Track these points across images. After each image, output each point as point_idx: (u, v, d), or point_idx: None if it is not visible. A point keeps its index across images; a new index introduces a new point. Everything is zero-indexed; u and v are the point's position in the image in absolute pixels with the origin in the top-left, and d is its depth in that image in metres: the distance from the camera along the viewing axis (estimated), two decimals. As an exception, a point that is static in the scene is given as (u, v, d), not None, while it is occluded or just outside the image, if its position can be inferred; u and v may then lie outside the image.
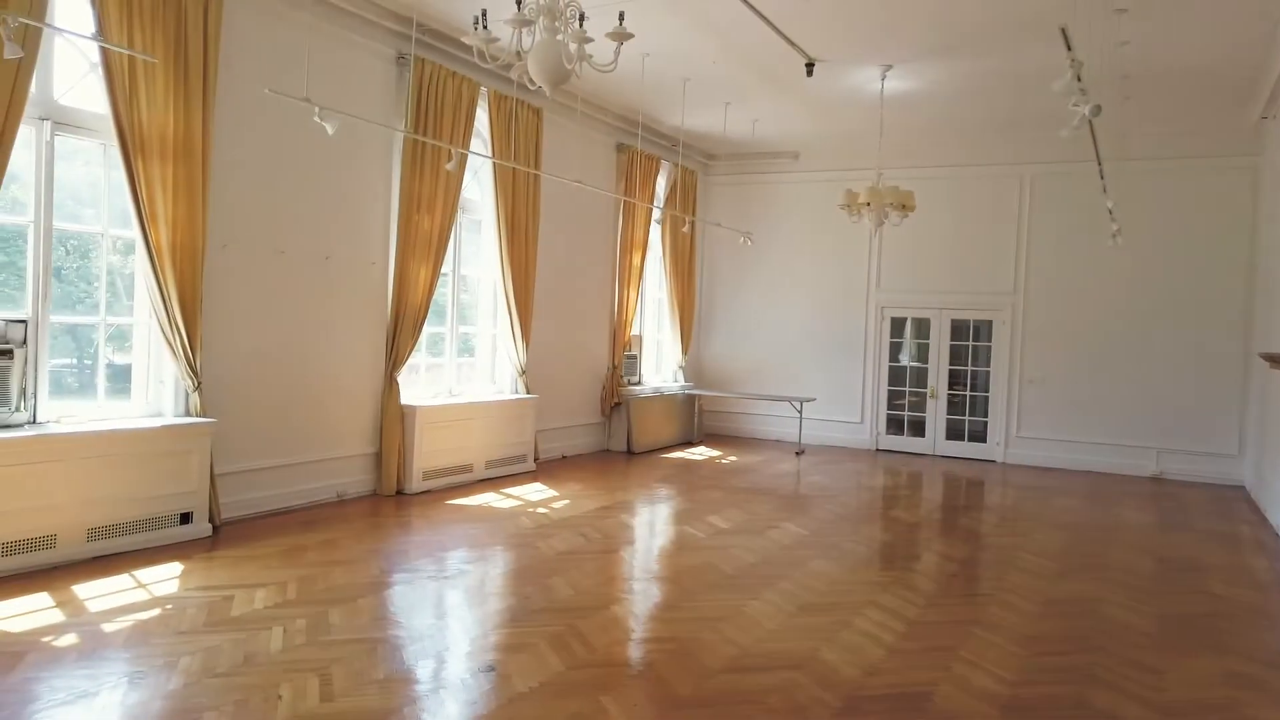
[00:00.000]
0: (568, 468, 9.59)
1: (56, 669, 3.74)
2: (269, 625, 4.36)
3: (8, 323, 5.33)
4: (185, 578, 5.11)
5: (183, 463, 5.91)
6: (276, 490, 6.87)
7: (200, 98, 5.97)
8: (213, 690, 3.59)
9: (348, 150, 7.15)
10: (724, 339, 13.07)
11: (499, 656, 4.11)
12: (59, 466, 5.24)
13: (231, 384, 6.45)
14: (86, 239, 6.00)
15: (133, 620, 4.36)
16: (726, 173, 12.93)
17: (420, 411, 7.90)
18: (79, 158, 5.84)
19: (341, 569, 5.42)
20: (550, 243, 9.66)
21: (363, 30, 7.28)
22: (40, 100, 5.37)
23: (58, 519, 5.22)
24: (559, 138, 9.60)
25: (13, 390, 5.27)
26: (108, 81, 5.53)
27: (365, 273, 7.60)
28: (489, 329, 9.33)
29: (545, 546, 6.18)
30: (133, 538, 5.60)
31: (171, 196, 5.86)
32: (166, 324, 5.93)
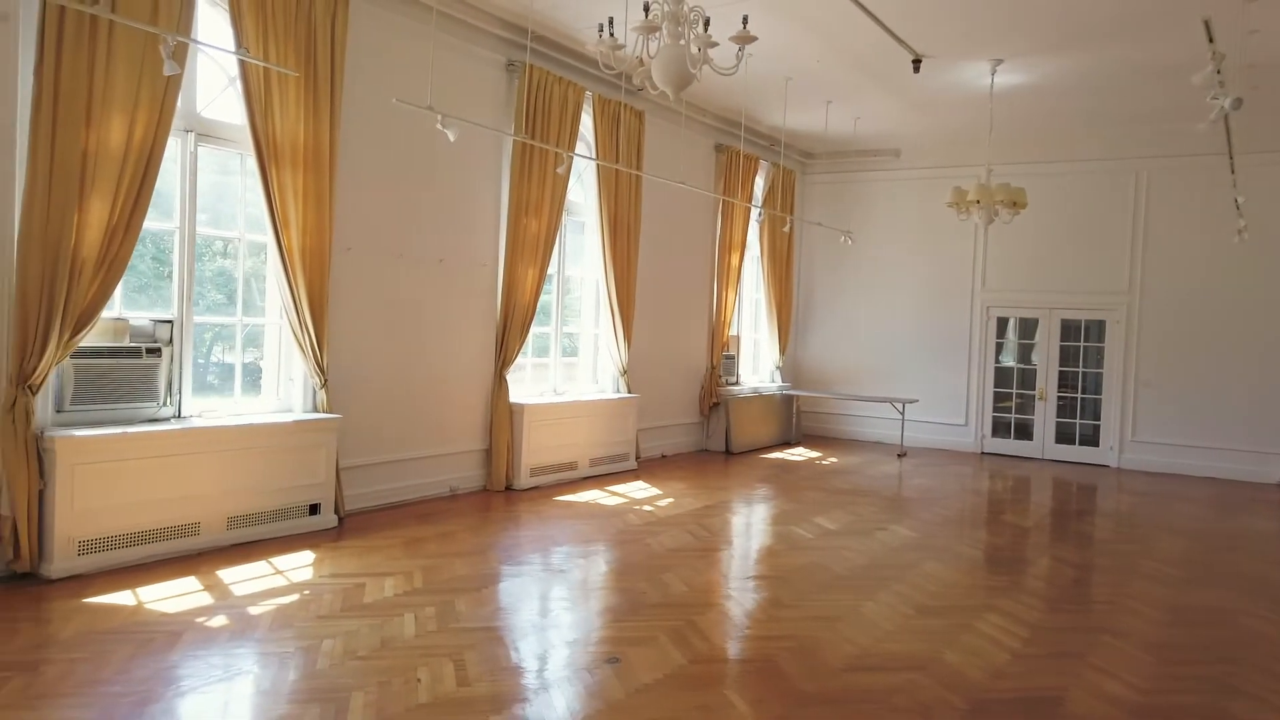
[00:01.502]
0: (668, 467, 9.67)
1: (212, 647, 3.99)
2: (401, 612, 4.55)
3: (156, 323, 5.68)
4: (318, 565, 5.36)
5: (311, 456, 6.20)
6: (394, 484, 7.13)
7: (328, 108, 6.25)
8: (355, 672, 3.77)
9: (460, 156, 7.38)
10: (822, 339, 12.97)
11: (621, 649, 4.19)
12: (202, 458, 5.56)
13: (353, 381, 6.72)
14: (224, 244, 6.34)
15: (275, 604, 4.60)
16: (825, 171, 12.83)
17: (528, 409, 8.09)
18: (218, 167, 6.17)
19: (462, 560, 5.61)
20: (651, 244, 9.76)
21: (475, 39, 7.50)
22: (185, 113, 5.69)
23: (201, 508, 5.54)
24: (660, 139, 9.70)
25: (160, 386, 5.61)
26: (245, 94, 5.84)
27: (476, 274, 7.82)
28: (591, 329, 9.49)
29: (654, 543, 6.26)
30: (267, 526, 5.90)
31: (301, 203, 6.15)
32: (296, 324, 6.22)
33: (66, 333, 4.97)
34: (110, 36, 4.99)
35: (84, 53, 4.90)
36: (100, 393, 5.32)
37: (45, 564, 4.86)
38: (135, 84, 5.12)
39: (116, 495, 5.12)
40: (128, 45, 5.07)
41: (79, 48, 4.88)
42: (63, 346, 4.97)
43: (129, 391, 5.46)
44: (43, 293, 4.86)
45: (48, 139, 4.82)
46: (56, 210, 4.87)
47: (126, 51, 5.07)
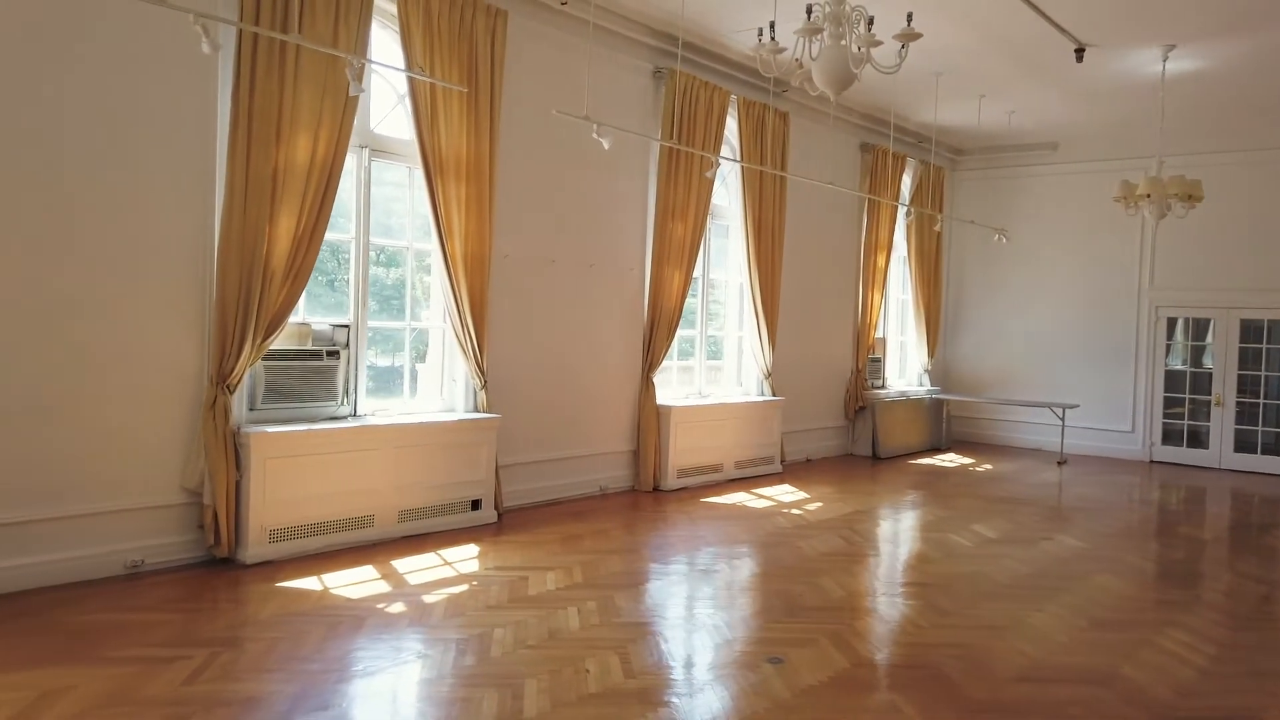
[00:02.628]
0: (814, 470, 9.57)
1: (394, 632, 4.23)
2: (564, 605, 4.69)
3: (334, 327, 6.06)
4: (483, 558, 5.59)
5: (474, 454, 6.47)
6: (547, 482, 7.35)
7: (488, 121, 6.52)
8: (527, 660, 3.92)
9: (609, 163, 7.53)
10: (973, 341, 12.54)
11: (782, 649, 4.19)
12: (376, 454, 5.90)
13: (510, 383, 6.97)
14: (394, 252, 6.70)
15: (446, 594, 4.83)
16: (977, 167, 12.41)
17: (674, 411, 8.18)
18: (388, 180, 6.53)
19: (617, 557, 5.73)
20: (795, 246, 9.70)
21: (624, 48, 7.66)
22: (360, 130, 6.05)
23: (375, 501, 5.88)
24: (804, 140, 9.63)
25: (339, 386, 5.98)
26: (414, 111, 6.16)
27: (624, 279, 7.97)
28: (735, 332, 9.50)
29: (806, 547, 6.22)
30: (434, 520, 6.20)
31: (464, 212, 6.43)
32: (459, 327, 6.51)
33: (259, 337, 5.37)
34: (297, 61, 5.37)
35: (274, 77, 5.30)
36: (287, 392, 5.72)
37: (241, 550, 5.27)
38: (318, 104, 5.49)
39: (302, 487, 5.49)
40: (312, 68, 5.44)
41: (270, 72, 5.28)
42: (256, 349, 5.37)
43: (312, 391, 5.85)
44: (239, 300, 5.27)
45: (243, 158, 5.23)
46: (251, 224, 5.27)
47: (311, 74, 5.44)
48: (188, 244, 5.19)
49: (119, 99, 4.86)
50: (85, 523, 4.81)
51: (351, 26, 5.62)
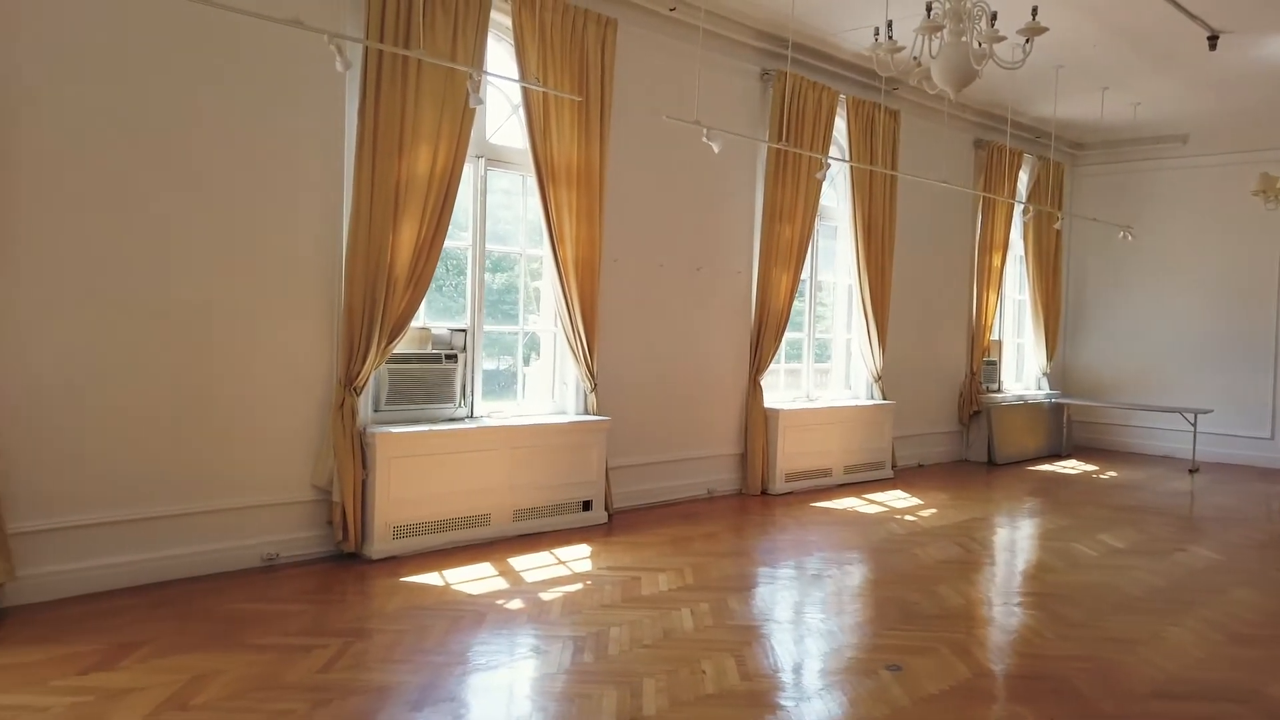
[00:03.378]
0: (927, 476, 9.36)
1: (513, 627, 4.35)
2: (678, 606, 4.73)
3: (452, 331, 6.27)
4: (595, 558, 5.68)
5: (585, 456, 6.58)
6: (655, 484, 7.41)
7: (598, 128, 6.62)
8: (644, 659, 3.98)
9: (716, 166, 7.54)
10: (1095, 343, 12.04)
11: (901, 657, 4.13)
12: (492, 455, 6.07)
13: (618, 386, 7.05)
14: (501, 258, 6.88)
15: (562, 592, 4.94)
16: (1099, 162, 11.91)
17: (782, 415, 8.12)
18: (500, 187, 6.71)
19: (728, 560, 5.74)
20: (906, 246, 9.51)
21: (731, 51, 7.66)
22: (476, 140, 6.22)
23: (491, 500, 6.05)
24: (916, 138, 9.43)
25: (456, 389, 6.18)
26: (527, 120, 6.32)
27: (731, 281, 7.97)
28: (844, 334, 9.37)
29: (922, 554, 6.09)
30: (547, 520, 6.33)
31: (574, 218, 6.55)
32: (570, 331, 6.64)
33: (383, 341, 5.59)
34: (418, 76, 5.58)
35: (397, 92, 5.52)
36: (408, 394, 5.94)
37: (367, 545, 5.50)
38: (438, 117, 5.69)
39: (423, 486, 5.70)
40: (432, 83, 5.64)
41: (393, 87, 5.50)
42: (380, 353, 5.60)
43: (431, 393, 6.06)
44: (364, 306, 5.50)
45: (369, 170, 5.46)
46: (376, 233, 5.50)
47: (431, 88, 5.65)
48: (319, 254, 5.46)
49: (256, 118, 5.15)
50: (227, 517, 5.11)
51: (469, 40, 5.81)
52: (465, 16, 5.78)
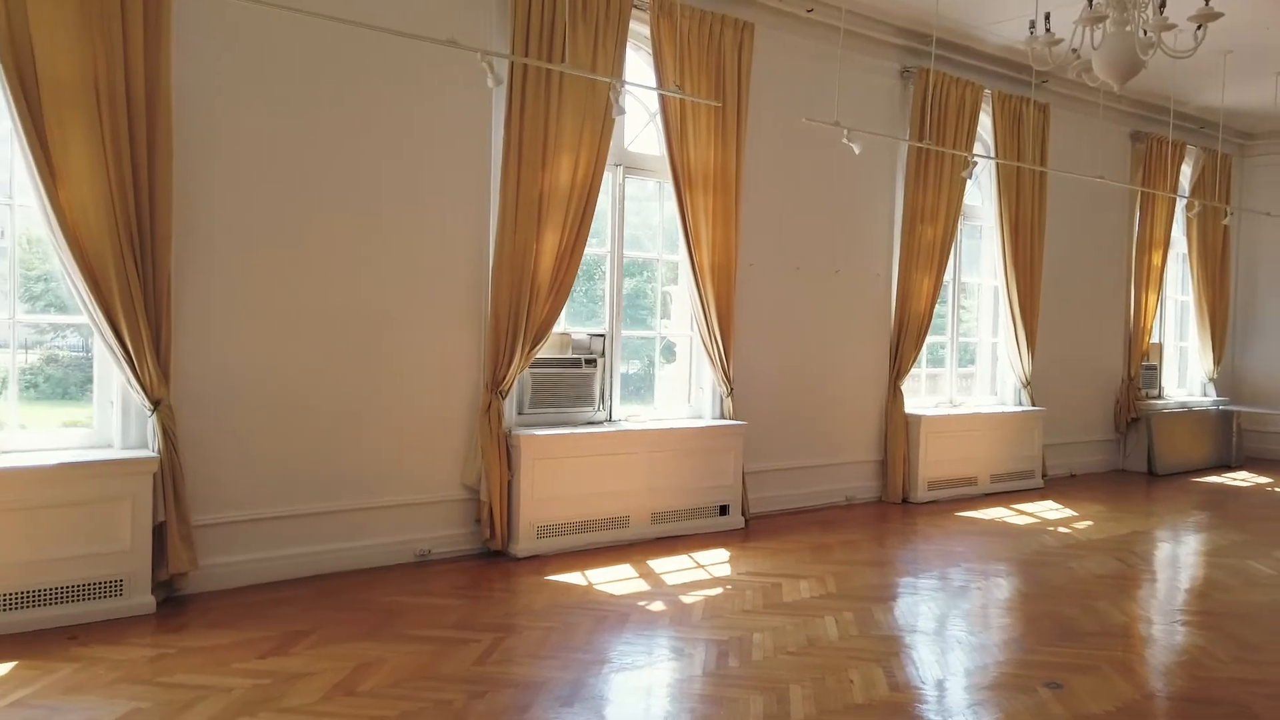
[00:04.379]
0: (1080, 486, 8.90)
1: (657, 629, 4.40)
2: (820, 614, 4.67)
3: (592, 336, 6.39)
4: (734, 563, 5.67)
5: (722, 460, 6.59)
6: (792, 490, 7.33)
7: (735, 133, 6.62)
8: (788, 666, 3.95)
9: (854, 167, 7.41)
10: (1268, 347, 11.16)
11: (1060, 674, 3.95)
12: (631, 458, 6.15)
13: (755, 390, 7.02)
14: (640, 263, 6.96)
15: (703, 596, 4.95)
16: (1271, 152, 11.05)
17: (924, 421, 7.90)
18: (634, 194, 6.80)
19: (870, 570, 5.62)
20: (1057, 245, 9.08)
21: (870, 49, 7.52)
22: (615, 149, 6.33)
23: (630, 502, 6.13)
24: (1067, 132, 9.01)
25: (596, 393, 6.29)
26: (664, 127, 6.38)
27: (870, 284, 7.81)
28: (989, 338, 9.03)
29: (1078, 568, 5.80)
30: (684, 523, 6.37)
31: (711, 223, 6.57)
32: (706, 335, 6.65)
33: (527, 346, 5.76)
34: (561, 88, 5.73)
35: (541, 104, 5.68)
36: (550, 397, 6.10)
37: (513, 544, 5.67)
38: (579, 127, 5.82)
39: (565, 487, 5.83)
40: (574, 94, 5.78)
41: (537, 100, 5.66)
42: (524, 358, 5.77)
43: (572, 397, 6.19)
44: (510, 313, 5.68)
45: (514, 181, 5.64)
46: (520, 242, 5.67)
47: (573, 100, 5.78)
48: (468, 264, 5.67)
49: (414, 133, 5.40)
50: (384, 514, 5.37)
51: (609, 52, 5.92)
52: (605, 28, 5.89)
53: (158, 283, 4.51)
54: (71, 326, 5.00)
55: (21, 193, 4.46)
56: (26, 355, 4.82)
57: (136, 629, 4.16)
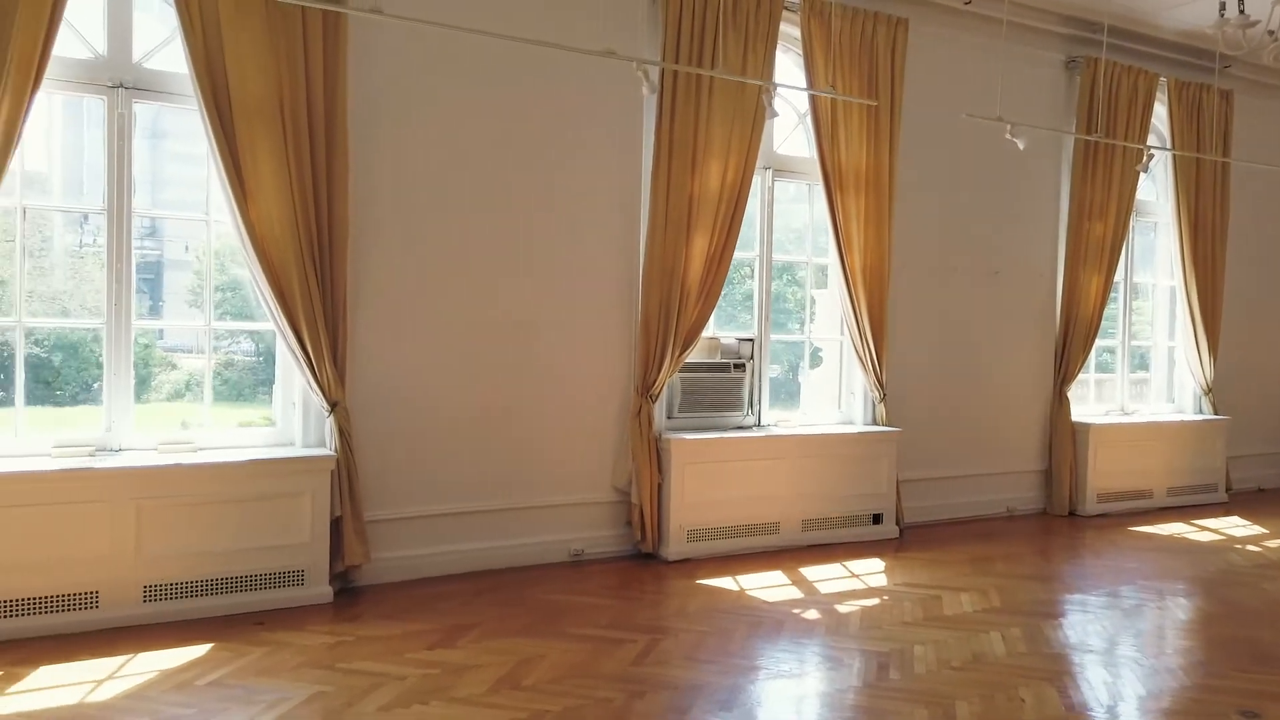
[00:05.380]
0: (1270, 502, 8.20)
1: (814, 637, 4.33)
2: (985, 629, 4.48)
3: (740, 341, 6.37)
4: (889, 573, 5.52)
5: (874, 467, 6.43)
6: (948, 500, 7.07)
7: (888, 132, 6.46)
8: (953, 681, 3.81)
9: (1015, 163, 7.07)
10: None
11: (1256, 703, 3.64)
12: (781, 464, 6.09)
13: (909, 396, 6.81)
14: (782, 267, 6.88)
15: (859, 605, 4.84)
16: None
17: (1094, 430, 7.46)
18: (787, 197, 6.73)
19: (1036, 584, 5.36)
20: (1242, 241, 8.40)
21: (1032, 40, 7.18)
22: (764, 152, 6.27)
23: (780, 508, 6.07)
24: (1253, 119, 8.33)
25: (745, 397, 6.26)
26: (815, 128, 6.29)
27: (1033, 285, 7.45)
28: (1165, 341, 8.45)
29: (1273, 589, 5.34)
30: (835, 531, 6.25)
31: (863, 225, 6.43)
32: (857, 339, 6.51)
33: (677, 351, 5.79)
34: (711, 93, 5.74)
35: (691, 109, 5.71)
36: (699, 402, 6.11)
37: (663, 546, 5.71)
38: (729, 131, 5.82)
39: (714, 491, 5.83)
40: (723, 98, 5.78)
41: (687, 105, 5.70)
42: (674, 362, 5.80)
43: (720, 402, 6.19)
44: (660, 317, 5.73)
45: (664, 186, 5.69)
46: (670, 246, 5.72)
47: (722, 104, 5.79)
48: (619, 269, 5.76)
49: (567, 143, 5.54)
50: (539, 514, 5.52)
51: (759, 55, 5.89)
52: (755, 32, 5.87)
53: (335, 292, 4.79)
54: (246, 333, 5.41)
55: (216, 210, 4.83)
56: (207, 360, 5.20)
57: (316, 617, 4.43)
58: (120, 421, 4.61)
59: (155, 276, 5.75)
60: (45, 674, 3.65)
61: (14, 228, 4.52)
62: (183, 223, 5.38)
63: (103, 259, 4.66)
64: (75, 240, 5.44)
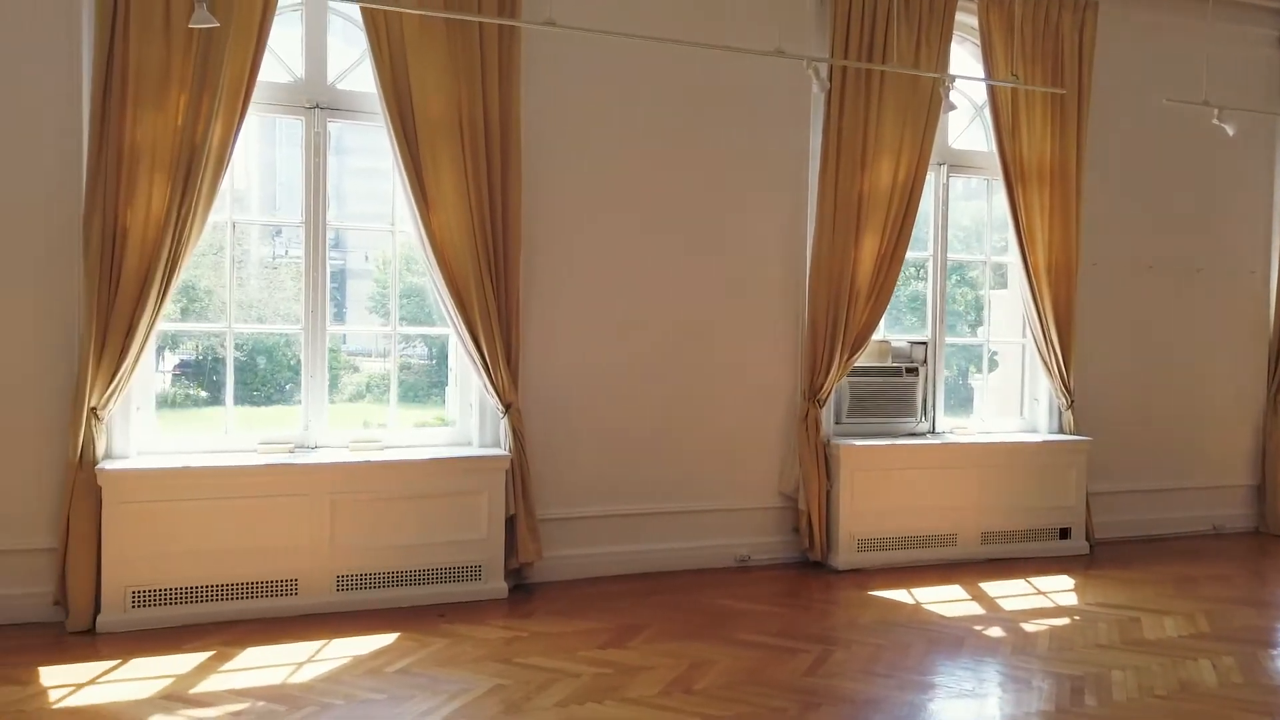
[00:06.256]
0: None
1: (998, 656, 4.10)
2: (1193, 656, 4.11)
3: (912, 344, 6.13)
4: (1080, 591, 5.17)
5: (1061, 479, 6.04)
6: (1145, 515, 6.55)
7: (1074, 121, 6.07)
8: (1160, 712, 3.51)
9: (1220, 151, 6.43)
10: None
11: None
12: (958, 473, 5.81)
13: (1097, 403, 6.34)
14: (958, 267, 6.57)
15: (1047, 625, 4.55)
16: None
17: (1315, 441, 6.74)
18: (956, 194, 6.44)
19: (1250, 609, 4.88)
20: None
21: (1239, 16, 6.55)
22: (938, 147, 6.01)
23: (957, 520, 5.79)
24: None
25: (918, 403, 6.03)
26: (994, 120, 5.98)
27: (1241, 284, 6.81)
28: (1401, 344, 7.53)
29: None
30: (1018, 545, 5.90)
31: (1047, 220, 6.06)
32: (1042, 342, 6.14)
33: (845, 354, 5.64)
34: (881, 88, 5.57)
35: (860, 106, 5.55)
36: (869, 407, 5.92)
37: (832, 555, 5.56)
38: (900, 127, 5.63)
39: (886, 500, 5.64)
40: (894, 93, 5.60)
41: (856, 102, 5.55)
42: (842, 366, 5.65)
43: (891, 407, 5.97)
44: (827, 320, 5.59)
45: (832, 185, 5.56)
46: (838, 247, 5.58)
47: (894, 99, 5.60)
48: (785, 271, 5.67)
49: (733, 145, 5.50)
50: (705, 518, 5.50)
51: (933, 47, 5.67)
52: (929, 23, 5.66)
53: (509, 296, 4.94)
54: (422, 337, 5.66)
55: (400, 221, 5.08)
56: (384, 364, 5.47)
57: (492, 611, 4.58)
58: (316, 421, 4.92)
59: (339, 285, 6.11)
60: (253, 654, 3.93)
61: (221, 241, 4.92)
62: (362, 233, 5.71)
63: (297, 268, 5.01)
64: (269, 252, 5.88)
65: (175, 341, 5.45)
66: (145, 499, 4.30)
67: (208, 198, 4.41)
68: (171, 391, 5.52)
